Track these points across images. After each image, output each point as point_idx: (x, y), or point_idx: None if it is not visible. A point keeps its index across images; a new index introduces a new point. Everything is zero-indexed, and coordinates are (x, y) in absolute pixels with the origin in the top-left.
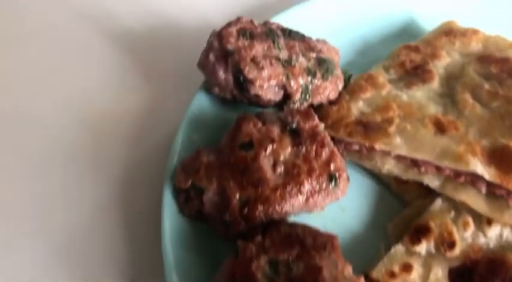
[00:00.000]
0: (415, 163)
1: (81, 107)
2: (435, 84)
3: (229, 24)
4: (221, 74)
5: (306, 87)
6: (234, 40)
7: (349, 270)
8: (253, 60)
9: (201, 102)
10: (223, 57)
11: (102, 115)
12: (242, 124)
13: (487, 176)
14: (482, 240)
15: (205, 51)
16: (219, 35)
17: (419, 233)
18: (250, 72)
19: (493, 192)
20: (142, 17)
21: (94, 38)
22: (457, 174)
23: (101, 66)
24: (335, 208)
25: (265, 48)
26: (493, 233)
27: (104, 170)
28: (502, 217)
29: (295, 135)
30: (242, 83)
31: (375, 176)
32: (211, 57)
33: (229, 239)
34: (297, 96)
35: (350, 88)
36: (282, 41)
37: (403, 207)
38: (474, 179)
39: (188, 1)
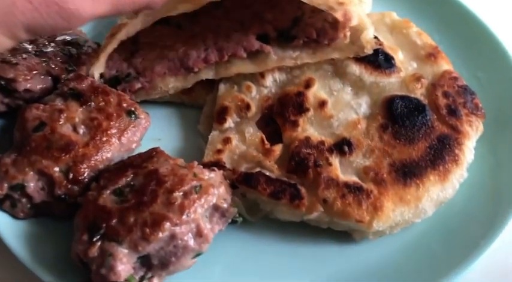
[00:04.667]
0: (188, 69)
1: None
2: None
3: None
4: None
5: (68, 63)
6: None
7: (181, 160)
8: (4, 61)
9: None
10: None
11: None
12: (25, 113)
13: None
14: (265, 91)
15: None
16: None
17: (222, 114)
18: (7, 72)
19: (250, 51)
20: None
21: None
22: (221, 55)
23: None
24: (152, 141)
25: (10, 50)
26: (269, 81)
27: None
28: (267, 65)
29: (79, 97)
30: (6, 86)
31: (170, 102)
32: None
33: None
34: (64, 75)
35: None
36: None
37: None
38: (233, 51)
39: None
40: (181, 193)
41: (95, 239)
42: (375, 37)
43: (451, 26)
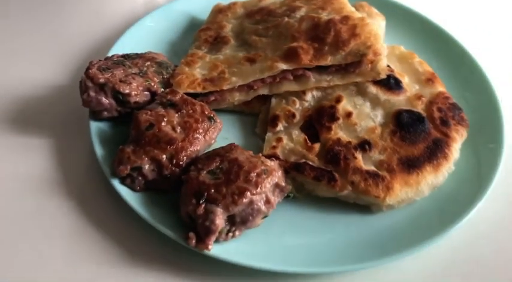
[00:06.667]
0: (249, 87)
1: None
2: (232, 42)
3: (89, 68)
4: (105, 100)
5: (162, 82)
6: (101, 75)
7: (251, 152)
8: (121, 81)
9: (97, 125)
10: (100, 90)
11: None
12: (139, 117)
13: (288, 67)
14: (306, 104)
15: (84, 93)
16: (89, 77)
17: (274, 120)
18: (125, 89)
19: (296, 75)
20: None
21: None
22: (274, 78)
23: None
24: (222, 140)
25: (122, 71)
26: (309, 97)
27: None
28: (308, 86)
29: (174, 106)
30: (122, 99)
31: (233, 111)
32: (92, 93)
33: (177, 188)
34: (160, 90)
35: (185, 62)
36: (128, 63)
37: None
38: (283, 75)
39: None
40: (255, 174)
41: (201, 202)
42: (388, 65)
43: (445, 57)
